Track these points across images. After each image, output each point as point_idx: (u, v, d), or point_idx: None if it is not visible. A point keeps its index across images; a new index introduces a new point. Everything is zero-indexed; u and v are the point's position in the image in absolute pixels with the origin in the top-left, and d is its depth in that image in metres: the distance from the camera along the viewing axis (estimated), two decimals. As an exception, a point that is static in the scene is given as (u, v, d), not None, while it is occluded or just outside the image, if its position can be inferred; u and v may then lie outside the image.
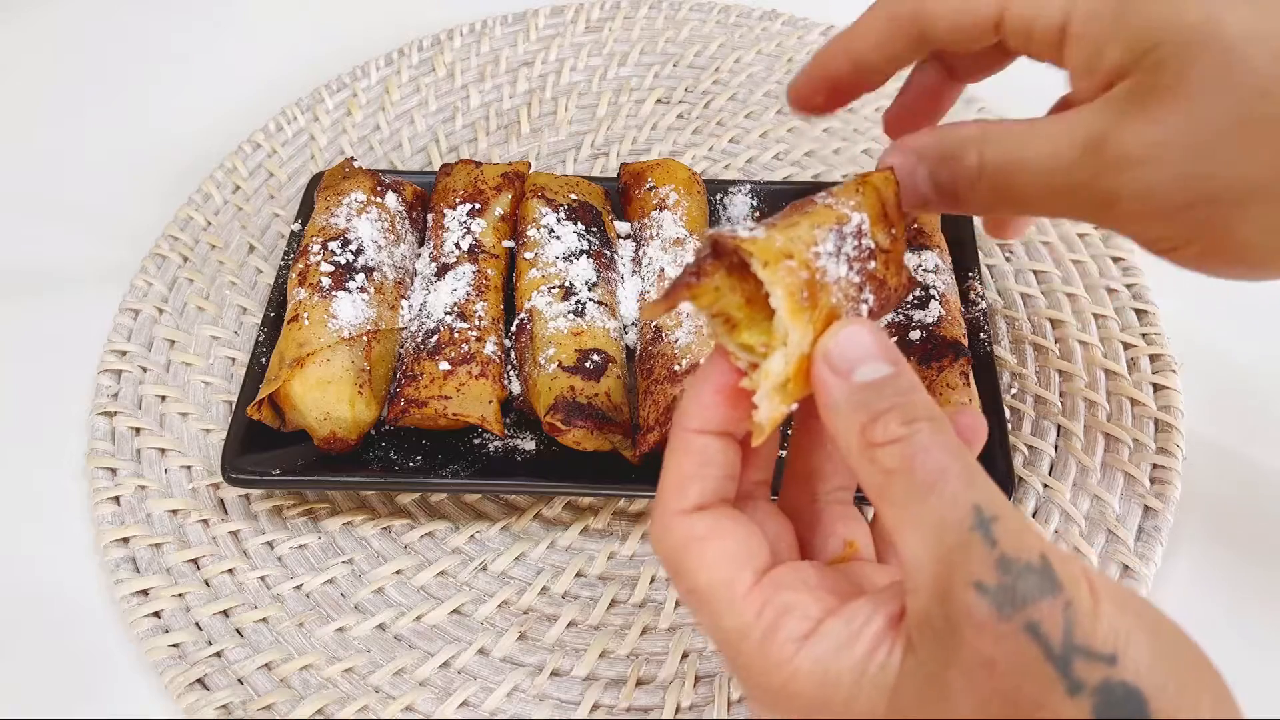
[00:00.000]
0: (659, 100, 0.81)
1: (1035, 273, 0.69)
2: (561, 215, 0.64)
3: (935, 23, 0.43)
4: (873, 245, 0.37)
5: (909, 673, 0.31)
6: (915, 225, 0.64)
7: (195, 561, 0.57)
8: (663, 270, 0.61)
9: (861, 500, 0.46)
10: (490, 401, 0.57)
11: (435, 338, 0.58)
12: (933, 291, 0.60)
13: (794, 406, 0.35)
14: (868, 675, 0.32)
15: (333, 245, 0.61)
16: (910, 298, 0.59)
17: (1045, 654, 0.28)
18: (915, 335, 0.58)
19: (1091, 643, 0.29)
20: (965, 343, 0.59)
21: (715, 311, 0.35)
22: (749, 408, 0.35)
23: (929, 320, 0.58)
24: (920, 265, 0.61)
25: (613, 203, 0.68)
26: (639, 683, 0.53)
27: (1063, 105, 0.45)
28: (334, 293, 0.59)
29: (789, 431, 0.43)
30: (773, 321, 0.34)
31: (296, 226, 0.67)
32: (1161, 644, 0.29)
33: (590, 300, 0.59)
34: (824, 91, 0.48)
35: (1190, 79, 0.36)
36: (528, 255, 0.62)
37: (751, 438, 0.36)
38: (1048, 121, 0.40)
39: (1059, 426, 0.61)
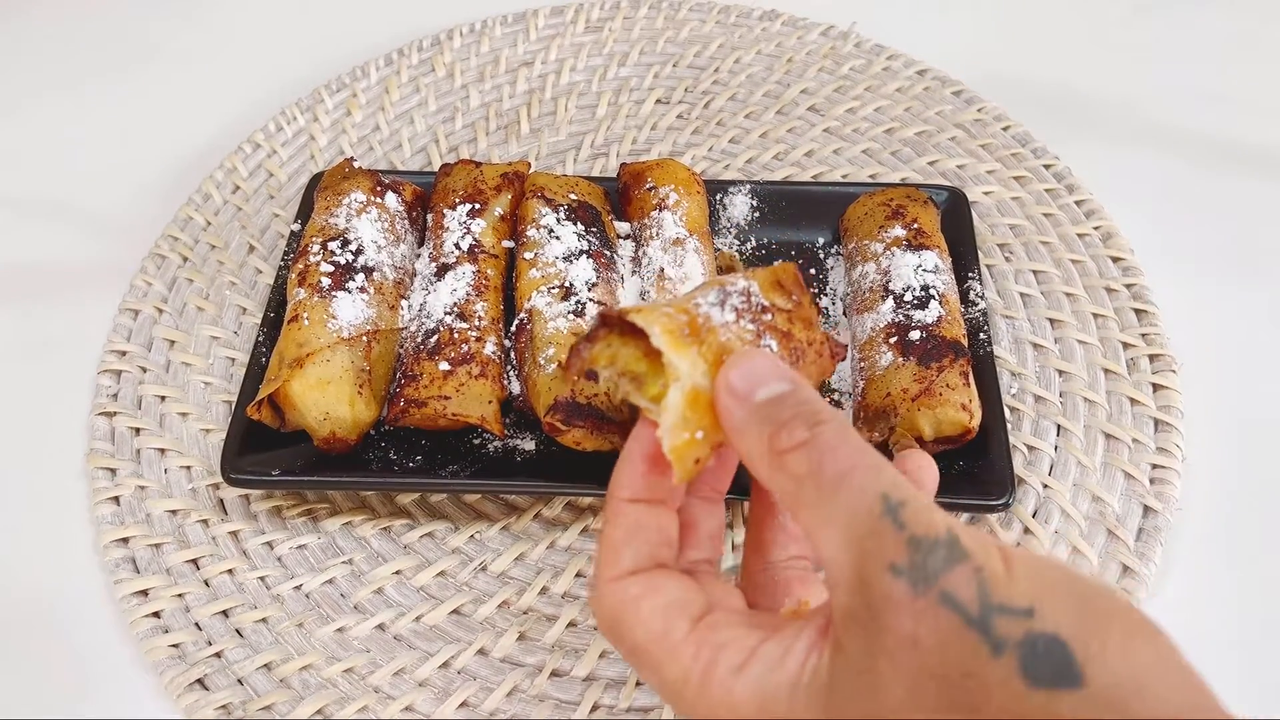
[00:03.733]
0: (659, 100, 0.81)
1: (1035, 273, 0.69)
2: (561, 215, 0.63)
3: None
4: (765, 303, 0.40)
5: (839, 670, 0.31)
6: (915, 225, 0.64)
7: (195, 562, 0.57)
8: (663, 270, 0.61)
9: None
10: (490, 401, 0.57)
11: (435, 338, 0.58)
12: (932, 291, 0.60)
13: (699, 436, 0.36)
14: (802, 684, 0.32)
15: (333, 245, 0.61)
16: (911, 298, 0.59)
17: (964, 620, 0.29)
18: (915, 335, 0.58)
19: (1007, 600, 0.29)
20: (965, 343, 0.59)
21: (620, 371, 0.38)
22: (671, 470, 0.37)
23: (929, 320, 0.58)
24: (920, 265, 0.61)
25: (613, 203, 0.68)
26: (639, 683, 0.53)
27: None
28: (334, 293, 0.59)
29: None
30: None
31: (296, 226, 0.67)
32: (1078, 594, 0.29)
33: (590, 300, 0.59)
34: None
35: None
36: (527, 255, 0.62)
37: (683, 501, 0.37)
38: None
39: (1059, 426, 0.61)
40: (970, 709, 0.28)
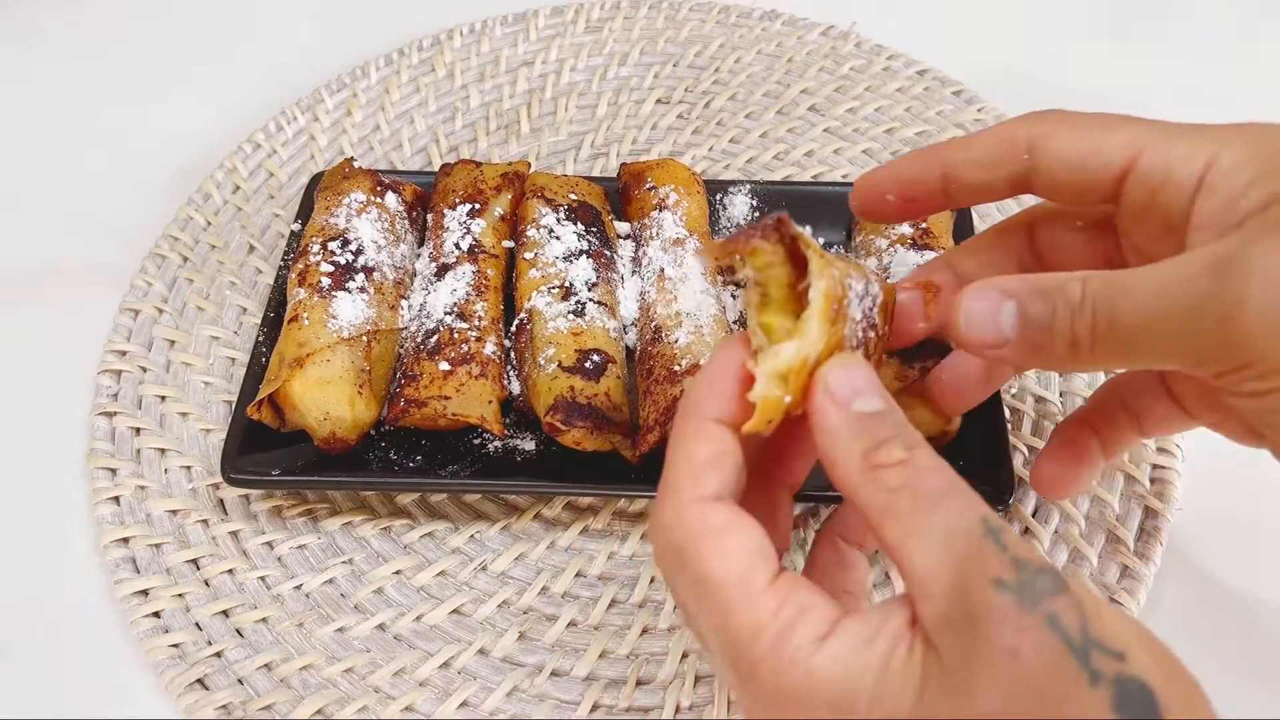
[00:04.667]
0: (659, 100, 0.81)
1: (1035, 273, 0.69)
2: (561, 215, 0.64)
3: (1052, 159, 0.41)
4: (876, 319, 0.40)
5: (933, 669, 0.32)
6: (924, 225, 0.63)
7: (195, 562, 0.57)
8: (663, 270, 0.61)
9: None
10: (490, 401, 0.57)
11: (435, 338, 0.58)
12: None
13: (788, 400, 0.36)
14: (892, 670, 0.32)
15: (333, 245, 0.61)
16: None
17: (1067, 645, 0.30)
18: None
19: (1103, 639, 0.30)
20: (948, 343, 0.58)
21: (759, 279, 0.37)
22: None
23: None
24: (920, 264, 0.61)
25: (613, 203, 0.68)
26: (639, 683, 0.53)
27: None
28: (334, 293, 0.59)
29: None
30: (799, 317, 0.36)
31: (296, 226, 0.67)
32: (1157, 654, 0.31)
33: (590, 300, 0.59)
34: (899, 193, 0.45)
35: None
36: (527, 255, 0.62)
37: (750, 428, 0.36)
38: (1164, 261, 0.37)
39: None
40: None
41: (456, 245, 0.63)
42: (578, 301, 0.59)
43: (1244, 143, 0.38)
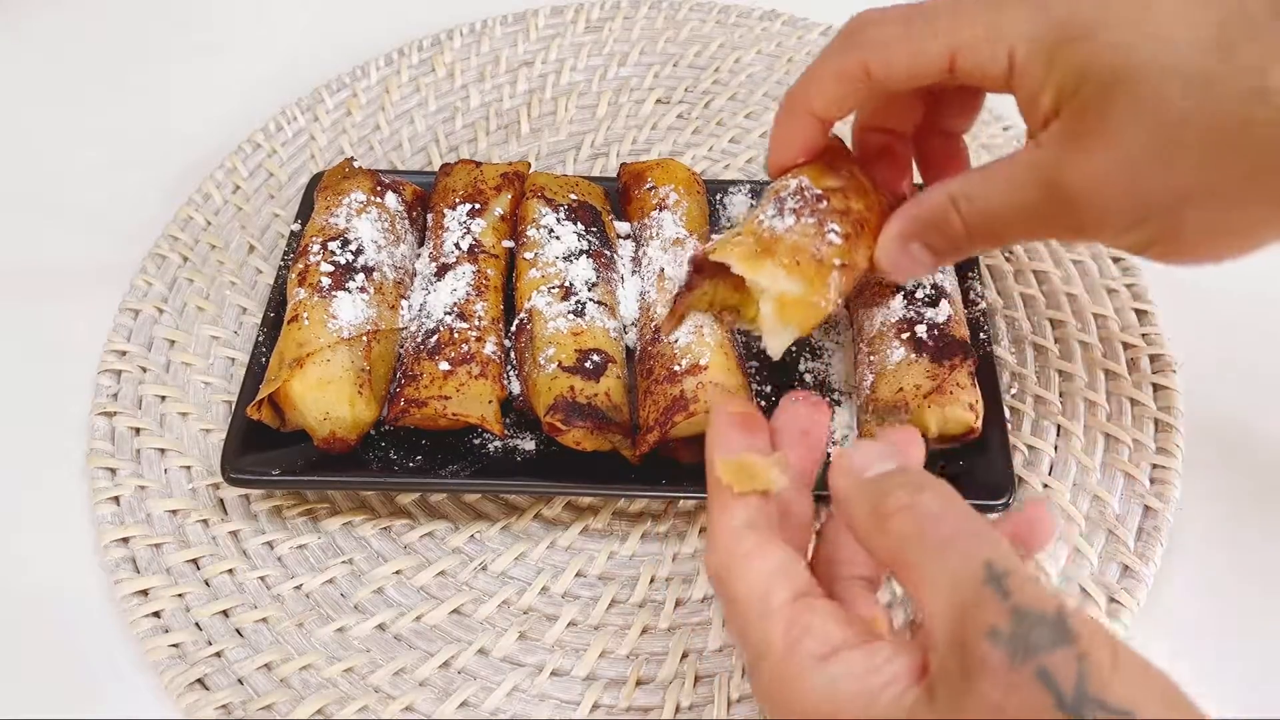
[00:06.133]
0: (659, 100, 0.81)
1: (1035, 273, 0.69)
2: (561, 215, 0.64)
3: (885, 74, 0.47)
4: (818, 191, 0.48)
5: (923, 716, 0.32)
6: None
7: (195, 561, 0.57)
8: (663, 270, 0.61)
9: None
10: (490, 401, 0.57)
11: (435, 338, 0.58)
12: (943, 290, 0.60)
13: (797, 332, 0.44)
14: (878, 704, 0.33)
15: (333, 245, 0.61)
16: (923, 295, 0.59)
17: (1057, 701, 0.29)
18: (928, 332, 0.57)
19: (1105, 696, 0.29)
20: (970, 343, 0.58)
21: (720, 309, 0.44)
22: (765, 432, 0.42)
23: (940, 319, 0.58)
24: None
25: (612, 203, 0.68)
26: (639, 683, 0.53)
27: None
28: (334, 293, 0.59)
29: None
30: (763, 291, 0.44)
31: (296, 226, 0.67)
32: (1179, 709, 0.30)
33: (590, 300, 0.59)
34: (804, 153, 0.52)
35: (1111, 119, 0.42)
36: (527, 255, 0.62)
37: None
38: (1003, 166, 0.46)
39: (1059, 426, 0.61)
40: None
41: (456, 245, 0.63)
42: (578, 301, 0.59)
43: (1032, 26, 0.43)
